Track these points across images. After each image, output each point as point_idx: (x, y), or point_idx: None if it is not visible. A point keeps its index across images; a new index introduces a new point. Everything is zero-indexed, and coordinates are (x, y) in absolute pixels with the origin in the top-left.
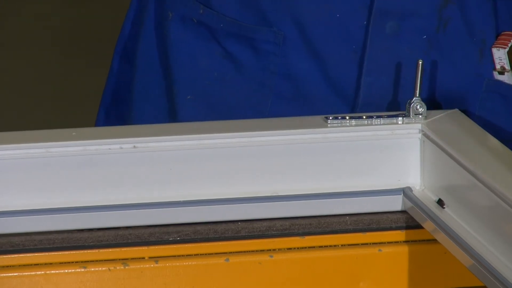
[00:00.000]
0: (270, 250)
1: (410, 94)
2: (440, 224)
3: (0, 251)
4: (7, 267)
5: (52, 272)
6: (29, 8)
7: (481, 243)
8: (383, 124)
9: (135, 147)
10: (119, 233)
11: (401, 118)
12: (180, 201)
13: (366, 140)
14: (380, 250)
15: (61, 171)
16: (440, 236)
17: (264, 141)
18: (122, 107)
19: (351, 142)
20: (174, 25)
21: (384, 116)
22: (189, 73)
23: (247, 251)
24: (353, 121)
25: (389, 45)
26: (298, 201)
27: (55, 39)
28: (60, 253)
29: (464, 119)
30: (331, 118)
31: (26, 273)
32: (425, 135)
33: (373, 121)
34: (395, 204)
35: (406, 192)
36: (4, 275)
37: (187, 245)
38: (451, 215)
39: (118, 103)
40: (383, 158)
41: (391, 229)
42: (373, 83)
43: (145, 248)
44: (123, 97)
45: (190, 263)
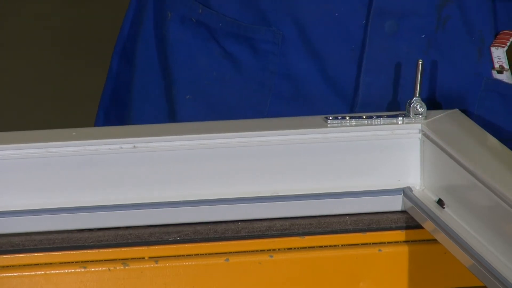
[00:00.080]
0: (270, 250)
1: (409, 93)
2: (440, 224)
3: (0, 251)
4: (7, 267)
5: (52, 272)
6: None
7: (481, 243)
8: (383, 124)
9: (135, 147)
10: (119, 233)
11: (401, 118)
12: (180, 201)
13: (366, 140)
14: (380, 250)
15: (61, 171)
16: (440, 236)
17: (264, 141)
18: (121, 107)
19: (351, 142)
20: (173, 25)
21: (384, 116)
22: (188, 73)
23: (247, 251)
24: (353, 121)
25: (388, 45)
26: (298, 201)
27: (55, 39)
28: (60, 253)
29: (464, 119)
30: (331, 118)
31: (26, 273)
32: (425, 135)
33: (373, 121)
34: (395, 204)
35: (406, 192)
36: (4, 275)
37: (187, 245)
38: (451, 215)
39: (117, 103)
40: (383, 158)
41: (391, 229)
42: (372, 82)
43: (145, 248)
44: (122, 97)
45: (190, 263)
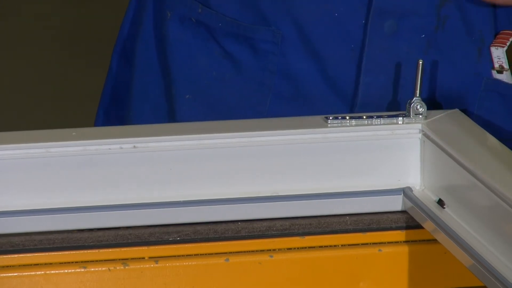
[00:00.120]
0: (270, 250)
1: (408, 93)
2: (440, 224)
3: (0, 251)
4: (7, 267)
5: (52, 272)
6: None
7: (481, 243)
8: (383, 124)
9: (135, 147)
10: (119, 233)
11: (401, 118)
12: (180, 201)
13: (366, 140)
14: (380, 250)
15: (61, 171)
16: (440, 236)
17: (264, 141)
18: (121, 107)
19: (351, 142)
20: (172, 25)
21: (384, 116)
22: (188, 72)
23: (247, 251)
24: (353, 121)
25: (387, 45)
26: (298, 201)
27: (55, 39)
28: (60, 253)
29: (464, 119)
30: (331, 118)
31: (26, 273)
32: (425, 135)
33: (373, 121)
34: (395, 204)
35: (406, 192)
36: (4, 275)
37: (187, 245)
38: (451, 215)
39: (117, 103)
40: (383, 158)
41: (391, 229)
42: (371, 82)
43: (145, 248)
44: (122, 96)
45: (190, 263)
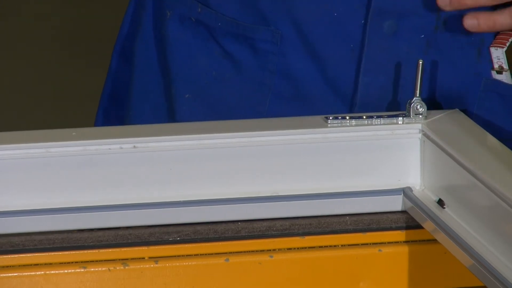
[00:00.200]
0: (270, 250)
1: (408, 93)
2: (440, 224)
3: (0, 251)
4: (7, 267)
5: (52, 272)
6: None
7: (481, 243)
8: (383, 124)
9: (135, 147)
10: (119, 233)
11: (401, 118)
12: (180, 201)
13: (366, 140)
14: (380, 250)
15: (61, 171)
16: (440, 236)
17: (264, 141)
18: (120, 106)
19: (351, 142)
20: (172, 24)
21: (384, 116)
22: (187, 72)
23: (247, 251)
24: (353, 121)
25: (387, 45)
26: (298, 201)
27: (55, 39)
28: (60, 253)
29: (464, 119)
30: (331, 118)
31: (26, 273)
32: (425, 135)
33: (373, 121)
34: (395, 204)
35: (406, 192)
36: (4, 275)
37: (187, 245)
38: (451, 215)
39: (117, 103)
40: (383, 158)
41: (391, 229)
42: (371, 82)
43: (145, 248)
44: (121, 96)
45: (190, 263)
